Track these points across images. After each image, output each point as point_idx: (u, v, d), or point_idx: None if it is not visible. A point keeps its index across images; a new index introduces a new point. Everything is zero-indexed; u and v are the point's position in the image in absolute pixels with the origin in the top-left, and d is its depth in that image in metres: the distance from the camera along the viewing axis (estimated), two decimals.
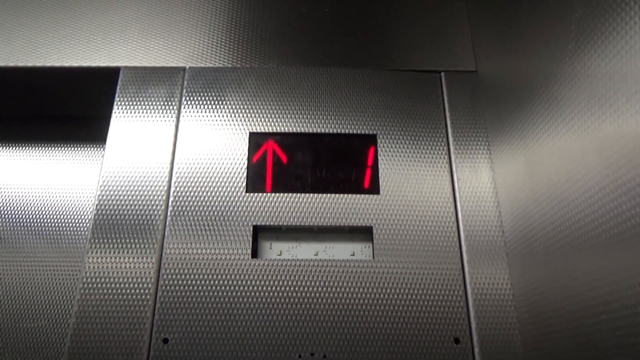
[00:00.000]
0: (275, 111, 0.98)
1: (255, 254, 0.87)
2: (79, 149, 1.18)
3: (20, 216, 1.11)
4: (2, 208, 1.11)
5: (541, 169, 0.72)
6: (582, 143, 0.60)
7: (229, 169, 0.92)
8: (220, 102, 0.99)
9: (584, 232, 0.60)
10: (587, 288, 0.59)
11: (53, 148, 1.18)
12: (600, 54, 0.55)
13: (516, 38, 0.82)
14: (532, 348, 0.75)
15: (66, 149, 1.18)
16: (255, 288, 0.82)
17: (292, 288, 0.83)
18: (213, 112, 0.98)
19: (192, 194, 0.90)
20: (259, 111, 0.98)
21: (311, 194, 0.90)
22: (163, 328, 0.79)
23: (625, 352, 0.52)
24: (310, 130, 0.96)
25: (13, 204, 1.12)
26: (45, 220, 1.10)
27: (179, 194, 0.90)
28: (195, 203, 0.89)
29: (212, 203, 0.89)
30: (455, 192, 0.91)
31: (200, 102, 0.99)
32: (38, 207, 1.11)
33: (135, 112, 0.98)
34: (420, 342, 0.79)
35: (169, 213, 0.88)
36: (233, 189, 0.91)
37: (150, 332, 0.79)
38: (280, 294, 0.82)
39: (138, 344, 0.78)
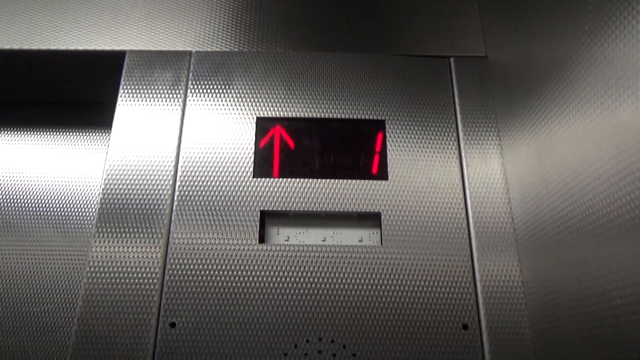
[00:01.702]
0: (282, 96, 0.97)
1: (262, 239, 0.86)
2: (85, 134, 1.17)
3: (26, 202, 1.10)
4: (8, 194, 1.11)
5: (552, 155, 0.71)
6: (597, 129, 0.59)
7: (236, 154, 0.92)
8: (227, 87, 0.98)
9: (596, 220, 0.59)
10: (598, 276, 0.58)
11: (58, 133, 1.17)
12: (619, 34, 0.54)
13: (528, 21, 0.80)
14: (541, 335, 0.75)
15: (72, 134, 1.17)
16: (262, 273, 0.82)
17: (299, 273, 0.82)
18: (220, 96, 0.97)
19: (198, 179, 0.89)
20: (266, 96, 0.97)
21: (319, 180, 0.89)
22: (170, 312, 0.79)
23: (635, 337, 0.51)
24: (318, 116, 0.95)
25: (19, 189, 1.12)
26: (50, 205, 1.10)
27: (186, 179, 0.89)
28: (202, 188, 0.89)
29: (219, 188, 0.89)
30: (464, 179, 0.90)
31: (207, 87, 0.98)
32: (44, 193, 1.11)
33: (141, 97, 0.97)
34: (428, 328, 0.79)
35: (175, 198, 0.88)
36: (240, 174, 0.90)
37: (158, 316, 0.79)
38: (288, 279, 0.82)
39: (145, 328, 0.78)
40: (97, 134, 1.17)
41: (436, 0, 1.08)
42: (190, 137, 0.93)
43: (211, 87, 0.98)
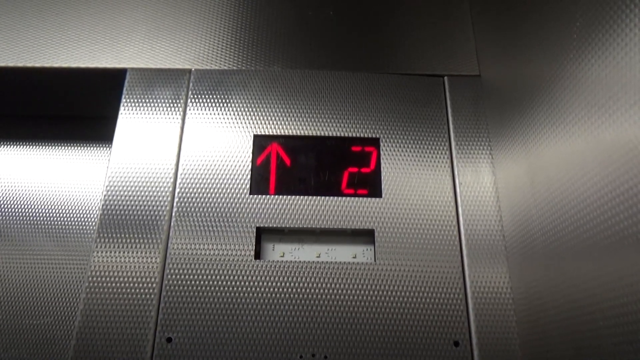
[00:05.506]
0: (279, 114, 0.99)
1: (258, 255, 0.88)
2: (86, 148, 1.19)
3: (28, 214, 1.12)
4: (10, 205, 1.13)
5: (542, 173, 0.73)
6: (582, 149, 0.61)
7: (233, 170, 0.93)
8: (225, 104, 1.00)
9: (584, 237, 0.60)
10: (587, 294, 0.60)
11: (60, 147, 1.19)
12: (600, 64, 0.55)
13: (519, 44, 0.82)
14: (531, 352, 0.76)
15: (73, 148, 1.19)
16: (258, 289, 0.84)
17: (294, 289, 0.84)
18: (218, 114, 0.99)
19: (196, 194, 0.91)
20: (264, 114, 0.99)
21: (314, 197, 0.91)
22: (167, 327, 0.81)
23: (622, 358, 0.52)
24: (314, 133, 0.97)
25: (21, 201, 1.13)
26: (52, 218, 1.11)
27: (184, 194, 0.91)
28: (199, 203, 0.90)
29: (216, 204, 0.90)
30: (456, 196, 0.91)
31: (206, 104, 1.00)
32: (45, 205, 1.13)
33: (141, 113, 0.99)
34: (420, 345, 0.80)
35: (173, 213, 0.89)
36: (237, 190, 0.92)
37: (154, 331, 0.80)
38: (283, 295, 0.83)
39: (142, 343, 0.79)
40: (99, 148, 1.19)
41: (431, 21, 1.10)
42: (189, 153, 0.95)
43: (210, 104, 1.00)
